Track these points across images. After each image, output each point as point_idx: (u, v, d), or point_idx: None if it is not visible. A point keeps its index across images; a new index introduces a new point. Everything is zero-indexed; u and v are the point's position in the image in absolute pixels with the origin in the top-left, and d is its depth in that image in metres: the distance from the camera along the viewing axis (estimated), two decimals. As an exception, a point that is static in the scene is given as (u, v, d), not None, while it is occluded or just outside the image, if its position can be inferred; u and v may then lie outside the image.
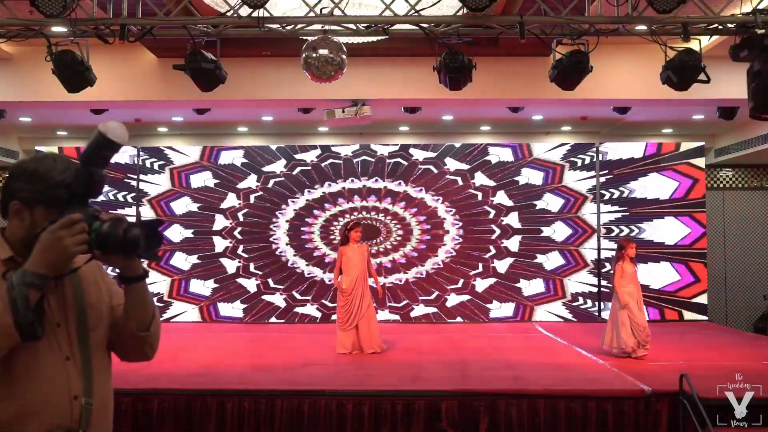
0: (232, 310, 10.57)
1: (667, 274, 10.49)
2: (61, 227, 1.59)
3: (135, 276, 1.77)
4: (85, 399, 1.74)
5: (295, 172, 10.72)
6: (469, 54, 5.85)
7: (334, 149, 10.79)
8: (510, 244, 10.65)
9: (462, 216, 10.69)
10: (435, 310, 10.47)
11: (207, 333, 9.31)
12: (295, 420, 5.52)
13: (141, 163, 10.77)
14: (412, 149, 10.76)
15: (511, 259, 10.63)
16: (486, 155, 10.72)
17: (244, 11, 5.48)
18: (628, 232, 10.57)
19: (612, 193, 10.68)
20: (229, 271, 10.65)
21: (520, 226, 10.67)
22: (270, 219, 10.73)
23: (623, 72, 7.87)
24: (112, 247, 1.62)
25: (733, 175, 11.67)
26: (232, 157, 10.79)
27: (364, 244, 7.67)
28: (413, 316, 10.37)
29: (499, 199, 10.67)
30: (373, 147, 10.76)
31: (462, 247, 10.66)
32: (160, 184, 10.75)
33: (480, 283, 10.58)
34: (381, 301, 7.54)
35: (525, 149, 10.74)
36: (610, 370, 6.45)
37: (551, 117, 10.41)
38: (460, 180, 10.70)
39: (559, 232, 10.67)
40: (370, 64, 7.83)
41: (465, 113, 10.04)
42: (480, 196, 10.68)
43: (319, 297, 10.51)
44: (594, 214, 10.65)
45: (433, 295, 10.53)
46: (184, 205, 10.74)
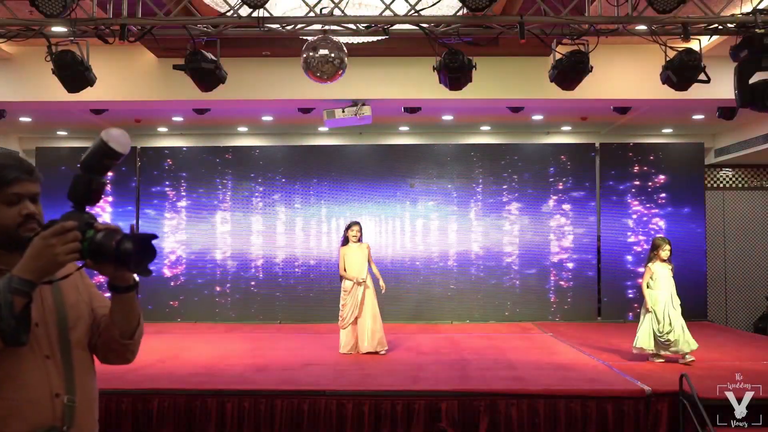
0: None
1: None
2: (53, 234, 1.57)
3: (124, 286, 1.77)
4: (67, 397, 1.74)
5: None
6: (469, 54, 5.85)
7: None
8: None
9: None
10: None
11: (207, 333, 9.31)
12: (295, 420, 5.52)
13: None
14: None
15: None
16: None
17: (244, 11, 5.48)
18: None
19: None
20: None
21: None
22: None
23: (623, 72, 7.87)
24: (103, 257, 1.59)
25: (733, 175, 11.67)
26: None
27: (365, 243, 7.66)
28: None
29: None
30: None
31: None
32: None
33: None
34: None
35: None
36: (610, 370, 6.45)
37: (551, 117, 10.41)
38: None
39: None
40: (370, 64, 7.83)
41: (465, 113, 10.04)
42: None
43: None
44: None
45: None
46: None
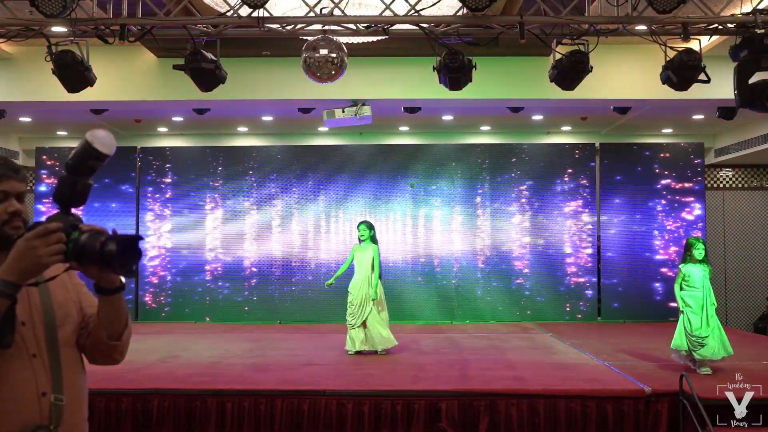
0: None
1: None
2: (36, 236, 1.56)
3: (110, 288, 1.77)
4: (54, 395, 1.73)
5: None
6: (469, 54, 5.85)
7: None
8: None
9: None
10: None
11: (207, 333, 9.31)
12: (295, 420, 5.52)
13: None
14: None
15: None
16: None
17: (244, 11, 5.48)
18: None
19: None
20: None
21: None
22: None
23: (623, 72, 7.87)
24: (88, 259, 1.60)
25: (733, 175, 11.67)
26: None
27: (372, 246, 7.61)
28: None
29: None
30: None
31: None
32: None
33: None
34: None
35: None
36: (610, 370, 6.45)
37: (551, 117, 10.41)
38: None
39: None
40: (370, 64, 7.82)
41: (465, 113, 10.04)
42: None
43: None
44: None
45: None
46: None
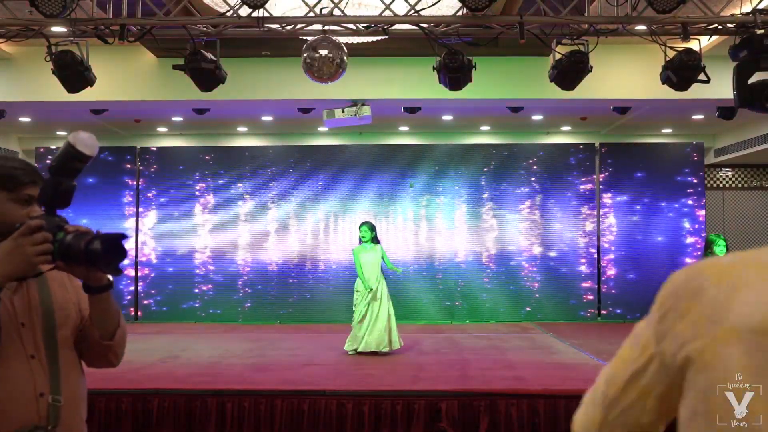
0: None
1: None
2: (21, 235, 1.59)
3: (98, 286, 1.78)
4: (52, 396, 1.74)
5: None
6: (469, 54, 5.85)
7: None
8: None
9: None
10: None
11: (207, 333, 9.31)
12: (295, 420, 5.51)
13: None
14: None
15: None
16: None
17: (244, 11, 5.48)
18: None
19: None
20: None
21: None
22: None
23: (623, 72, 7.87)
24: (73, 258, 1.62)
25: (733, 175, 11.67)
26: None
27: (376, 245, 7.60)
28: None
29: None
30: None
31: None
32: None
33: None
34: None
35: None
36: (610, 370, 6.44)
37: (551, 117, 10.40)
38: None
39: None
40: (369, 65, 7.82)
41: (465, 113, 10.04)
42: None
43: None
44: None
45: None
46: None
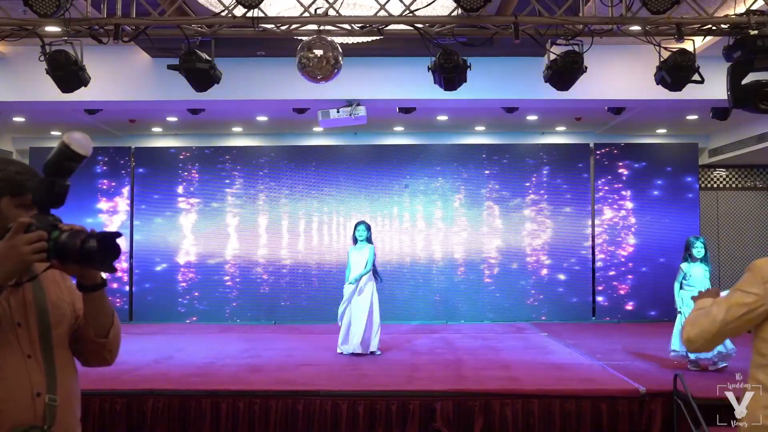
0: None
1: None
2: (15, 233, 1.61)
3: (93, 285, 1.80)
4: (48, 396, 1.76)
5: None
6: (464, 54, 5.85)
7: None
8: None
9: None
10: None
11: (201, 333, 9.29)
12: (289, 420, 5.51)
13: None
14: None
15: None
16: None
17: (239, 11, 5.47)
18: None
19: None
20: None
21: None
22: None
23: (617, 72, 7.88)
24: (69, 256, 1.64)
25: (727, 175, 11.71)
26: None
27: (367, 246, 7.63)
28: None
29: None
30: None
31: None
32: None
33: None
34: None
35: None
36: (605, 370, 6.46)
37: (546, 117, 10.42)
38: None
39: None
40: (364, 65, 7.82)
41: (460, 113, 10.05)
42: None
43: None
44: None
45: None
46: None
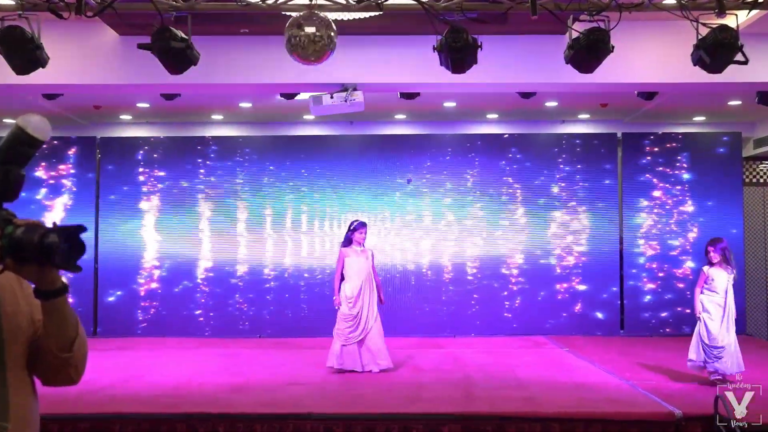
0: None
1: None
2: None
3: (53, 290, 1.76)
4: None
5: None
6: (474, 32, 5.85)
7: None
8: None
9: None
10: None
11: (175, 348, 9.29)
12: (276, 447, 5.52)
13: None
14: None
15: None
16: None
17: (219, -18, 5.47)
18: None
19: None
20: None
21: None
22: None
23: (649, 52, 7.87)
24: (26, 254, 1.61)
25: (775, 169, 11.69)
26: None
27: (369, 250, 7.66)
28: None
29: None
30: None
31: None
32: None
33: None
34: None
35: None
36: (635, 390, 6.47)
37: (567, 104, 10.42)
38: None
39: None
40: (362, 44, 7.82)
41: (469, 100, 10.04)
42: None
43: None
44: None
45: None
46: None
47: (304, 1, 5.80)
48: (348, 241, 7.69)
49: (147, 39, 5.85)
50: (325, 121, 11.08)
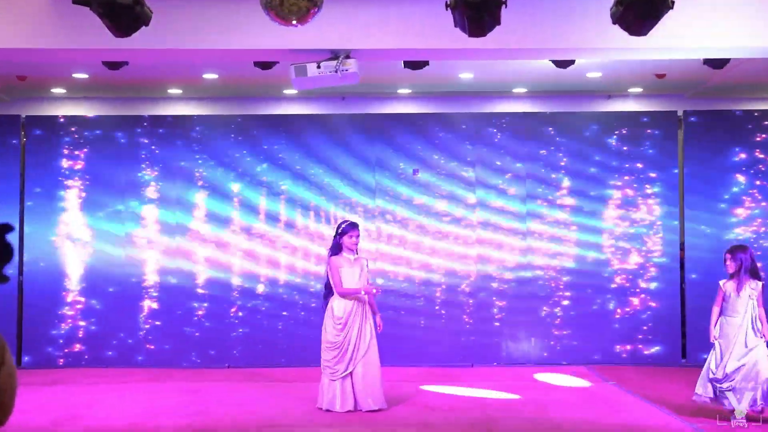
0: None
1: None
2: None
3: None
4: None
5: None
6: (498, -16, 5.85)
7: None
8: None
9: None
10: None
11: (123, 381, 9.28)
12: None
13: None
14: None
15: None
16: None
17: None
18: None
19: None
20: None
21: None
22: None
23: (718, 10, 7.86)
24: None
25: None
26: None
27: (363, 257, 7.66)
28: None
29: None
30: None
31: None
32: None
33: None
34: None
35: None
36: (699, 435, 6.48)
37: (614, 75, 10.42)
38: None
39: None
40: (355, 2, 7.81)
41: (490, 70, 10.05)
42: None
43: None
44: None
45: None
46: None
47: (283, -55, 5.79)
48: (337, 248, 7.65)
49: (87, -6, 5.85)
50: (310, 96, 11.07)
